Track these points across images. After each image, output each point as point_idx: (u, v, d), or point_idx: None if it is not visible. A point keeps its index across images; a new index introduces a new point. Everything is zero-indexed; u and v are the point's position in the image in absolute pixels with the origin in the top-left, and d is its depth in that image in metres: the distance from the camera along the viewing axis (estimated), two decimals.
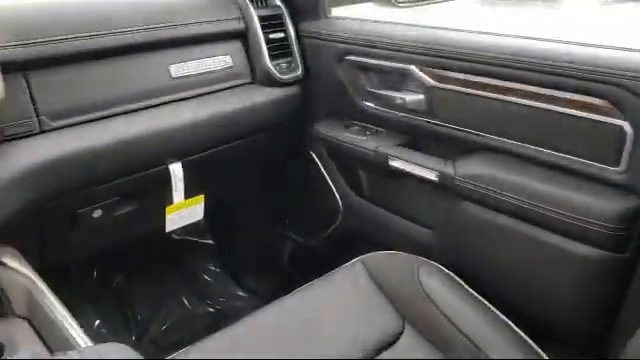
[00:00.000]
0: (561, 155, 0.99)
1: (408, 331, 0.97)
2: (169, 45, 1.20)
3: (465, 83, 1.08)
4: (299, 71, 1.38)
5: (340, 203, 1.45)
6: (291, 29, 1.37)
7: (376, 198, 1.39)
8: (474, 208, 1.10)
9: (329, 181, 1.46)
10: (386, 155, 1.25)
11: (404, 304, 1.02)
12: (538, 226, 1.00)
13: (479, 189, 1.07)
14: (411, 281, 1.04)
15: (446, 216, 1.19)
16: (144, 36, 1.14)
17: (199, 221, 1.41)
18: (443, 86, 1.12)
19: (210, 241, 1.87)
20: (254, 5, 1.33)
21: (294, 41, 1.38)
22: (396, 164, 1.24)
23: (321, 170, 1.47)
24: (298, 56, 1.38)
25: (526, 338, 0.93)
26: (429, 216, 1.26)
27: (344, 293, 1.05)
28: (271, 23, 1.34)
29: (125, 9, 1.16)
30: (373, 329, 0.97)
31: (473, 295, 1.01)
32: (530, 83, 0.98)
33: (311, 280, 1.08)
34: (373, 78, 1.28)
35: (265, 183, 1.63)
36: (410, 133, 1.27)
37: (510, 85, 1.01)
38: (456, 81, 1.10)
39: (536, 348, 0.91)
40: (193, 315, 1.70)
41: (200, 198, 1.35)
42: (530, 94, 0.99)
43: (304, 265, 1.62)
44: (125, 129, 1.10)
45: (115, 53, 1.11)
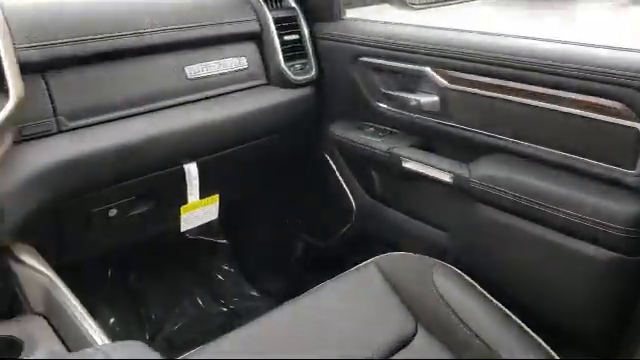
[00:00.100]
0: (576, 157, 0.99)
1: (421, 332, 0.97)
2: (185, 46, 1.20)
3: (480, 85, 1.08)
4: (313, 72, 1.38)
5: (353, 204, 1.45)
6: (305, 31, 1.38)
7: (389, 199, 1.39)
8: (488, 210, 1.10)
9: (342, 182, 1.46)
10: (400, 156, 1.25)
11: (417, 305, 1.02)
12: (553, 228, 1.00)
13: (494, 191, 1.07)
14: (425, 282, 1.03)
15: (460, 218, 1.19)
16: (160, 37, 1.15)
17: (213, 221, 1.41)
18: (458, 88, 1.12)
19: (224, 241, 1.87)
20: (269, 7, 1.34)
21: (308, 42, 1.38)
22: (410, 165, 1.24)
23: (335, 171, 1.47)
24: (312, 57, 1.38)
25: (539, 340, 0.93)
26: (443, 218, 1.25)
27: (357, 294, 1.05)
28: (286, 25, 1.35)
29: (141, 10, 1.17)
30: (386, 330, 0.97)
31: (486, 297, 1.01)
32: (544, 85, 0.98)
33: (324, 281, 1.08)
34: (387, 79, 1.28)
35: (279, 184, 1.64)
36: (424, 134, 1.27)
37: (525, 87, 1.01)
38: (471, 83, 1.09)
39: (549, 350, 0.91)
40: (207, 315, 1.70)
41: (215, 198, 1.36)
42: (545, 96, 0.98)
43: (317, 266, 1.62)
44: (141, 130, 1.11)
45: (131, 54, 1.12)
